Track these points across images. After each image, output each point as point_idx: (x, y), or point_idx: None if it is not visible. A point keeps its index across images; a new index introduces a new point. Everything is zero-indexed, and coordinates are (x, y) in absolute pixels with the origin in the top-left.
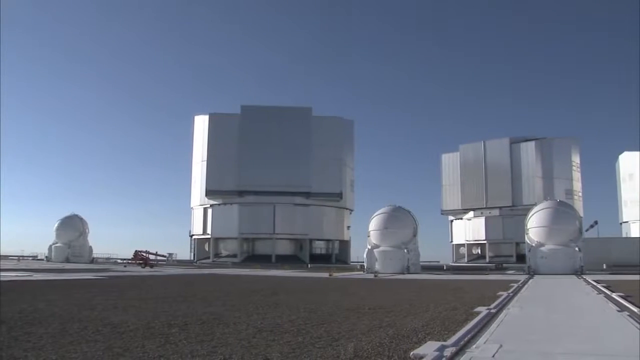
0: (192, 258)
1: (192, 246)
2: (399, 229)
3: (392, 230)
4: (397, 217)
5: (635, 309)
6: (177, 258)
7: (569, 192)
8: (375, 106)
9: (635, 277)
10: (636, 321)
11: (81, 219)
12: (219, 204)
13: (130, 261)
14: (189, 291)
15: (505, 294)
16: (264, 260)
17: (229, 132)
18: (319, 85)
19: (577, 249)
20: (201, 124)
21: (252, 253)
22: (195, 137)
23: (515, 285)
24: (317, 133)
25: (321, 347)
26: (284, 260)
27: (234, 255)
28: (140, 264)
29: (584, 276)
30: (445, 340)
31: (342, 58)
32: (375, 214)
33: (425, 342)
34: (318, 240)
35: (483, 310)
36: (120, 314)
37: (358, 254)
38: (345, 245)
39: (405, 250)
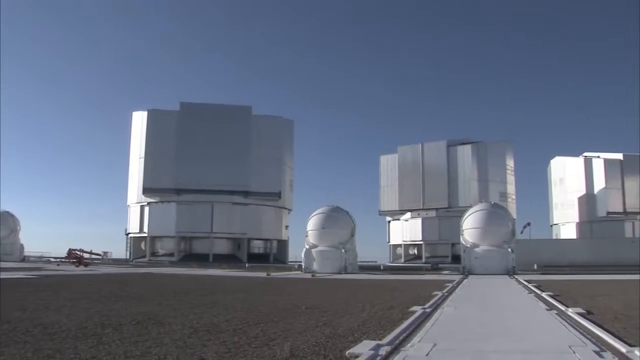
0: (128, 257)
1: (128, 244)
2: (336, 229)
3: (329, 230)
4: (335, 217)
5: (563, 308)
6: (113, 256)
7: (503, 195)
8: (316, 107)
9: (564, 277)
10: (564, 319)
11: (12, 215)
12: (156, 202)
13: (63, 260)
14: (124, 290)
15: (440, 293)
16: (201, 259)
17: (168, 129)
18: (259, 84)
19: (510, 250)
20: (139, 121)
21: (190, 252)
22: (132, 134)
23: (450, 285)
24: (256, 132)
25: (257, 347)
26: (221, 260)
27: (171, 254)
28: (74, 262)
29: (516, 276)
30: (380, 339)
31: (282, 58)
32: (314, 214)
33: (361, 341)
34: (256, 239)
35: (418, 310)
36: (52, 315)
37: (296, 253)
38: (283, 244)
39: (343, 250)
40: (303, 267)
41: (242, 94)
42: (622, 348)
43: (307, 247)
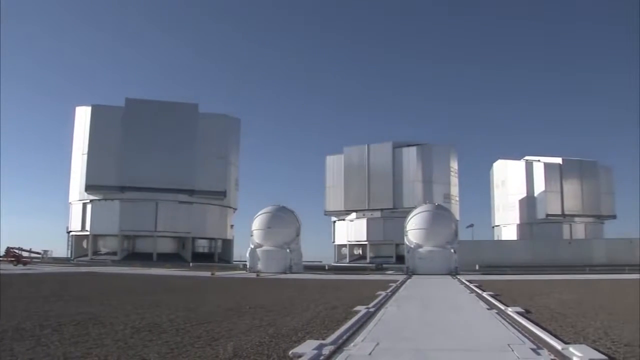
0: (69, 255)
1: (70, 243)
2: (282, 228)
3: (275, 229)
4: (281, 217)
5: (502, 307)
6: (53, 255)
7: (447, 197)
8: (263, 106)
9: (505, 277)
10: (503, 318)
11: None
12: (99, 200)
13: (1, 258)
14: (65, 290)
15: (383, 293)
16: (145, 258)
17: (112, 126)
18: (207, 83)
19: (452, 250)
20: (83, 116)
21: (133, 251)
22: (75, 129)
23: (394, 285)
24: (202, 130)
25: (200, 347)
26: (165, 259)
27: (114, 253)
28: (12, 261)
29: (459, 276)
30: (324, 339)
31: (230, 58)
32: (259, 213)
33: (305, 341)
34: (201, 238)
35: (362, 309)
36: None
37: (241, 253)
38: (228, 244)
39: (288, 250)
40: (248, 266)
41: (189, 92)
42: (557, 345)
43: (252, 246)
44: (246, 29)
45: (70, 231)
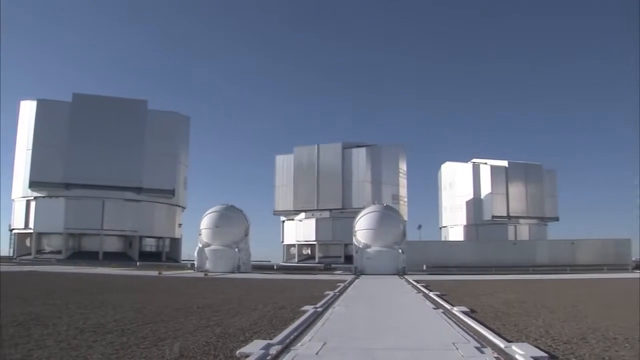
0: (11, 254)
1: (12, 241)
2: (230, 227)
3: (223, 229)
4: (229, 216)
5: (448, 307)
6: None
7: (396, 197)
8: (214, 105)
9: (451, 278)
10: (449, 318)
11: None
12: (43, 197)
13: None
14: (6, 290)
15: (332, 293)
16: (90, 257)
17: (58, 121)
18: (157, 81)
19: (400, 250)
20: (27, 110)
21: (78, 249)
22: (20, 124)
23: (342, 284)
24: (151, 127)
25: (146, 348)
26: (112, 258)
27: (59, 252)
28: None
29: (406, 276)
30: (271, 339)
31: (181, 58)
32: (207, 212)
33: (252, 341)
34: (148, 237)
35: (310, 309)
36: None
37: (189, 252)
38: (176, 243)
39: (237, 250)
40: (196, 266)
41: (138, 88)
42: (501, 344)
43: (200, 245)
44: (197, 22)
45: (13, 229)
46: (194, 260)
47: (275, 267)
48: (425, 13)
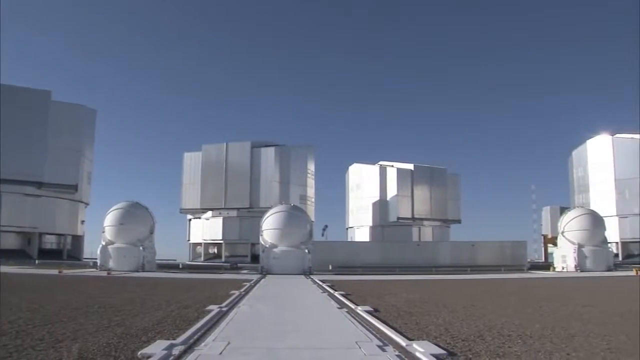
0: None
1: None
2: (135, 225)
3: (128, 226)
4: (134, 213)
5: (353, 306)
6: None
7: (303, 198)
8: (122, 101)
9: (356, 278)
10: (353, 317)
11: None
12: None
13: None
14: None
15: (237, 292)
16: None
17: None
18: (63, 74)
19: (307, 250)
20: None
21: None
22: None
23: (248, 284)
24: (55, 120)
25: (42, 350)
26: (9, 256)
27: None
28: None
29: (312, 276)
30: (175, 339)
31: (89, 52)
32: (112, 209)
33: (155, 341)
34: (49, 234)
35: (215, 309)
36: None
37: (92, 250)
38: (78, 240)
39: (141, 248)
40: (98, 264)
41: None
42: (402, 342)
43: (104, 243)
44: (105, 17)
45: None
46: (96, 259)
47: (180, 266)
48: (332, 14)
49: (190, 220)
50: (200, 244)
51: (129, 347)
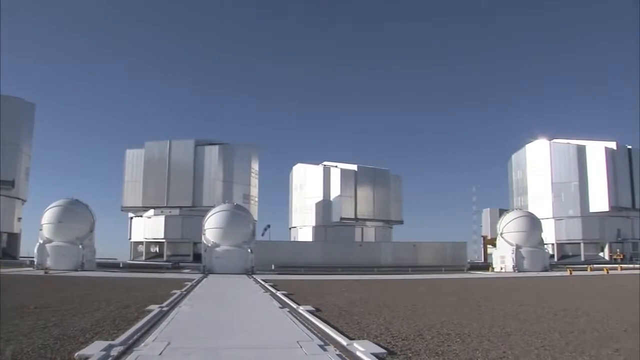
0: None
1: None
2: (74, 223)
3: (66, 224)
4: (73, 211)
5: (295, 306)
6: None
7: (247, 197)
8: (65, 95)
9: (299, 277)
10: (295, 317)
11: None
12: None
13: None
14: None
15: (178, 292)
16: None
17: None
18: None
19: (249, 250)
20: None
21: None
22: None
23: (190, 283)
24: None
25: None
26: None
27: None
28: None
29: (255, 276)
30: (113, 340)
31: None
32: (50, 206)
33: (93, 342)
34: None
35: (155, 309)
36: None
37: (29, 248)
38: (15, 238)
39: (81, 246)
40: (36, 263)
41: None
42: (343, 341)
43: (41, 241)
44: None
45: None
46: (34, 258)
47: (121, 265)
48: (270, 15)
49: (131, 218)
50: (141, 242)
51: (66, 348)
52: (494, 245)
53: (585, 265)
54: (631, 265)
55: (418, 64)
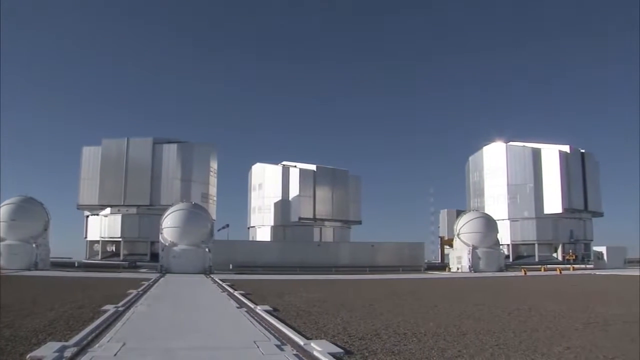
0: None
1: None
2: (27, 221)
3: (19, 222)
4: (27, 209)
5: (252, 306)
6: None
7: (205, 196)
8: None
9: (257, 277)
10: (252, 317)
11: None
12: None
13: None
14: None
15: (135, 292)
16: None
17: None
18: None
19: (207, 249)
20: None
21: None
22: None
23: (147, 283)
24: None
25: None
26: None
27: None
28: None
29: (212, 275)
30: (67, 340)
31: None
32: (2, 204)
33: (46, 343)
34: None
35: (111, 309)
36: None
37: None
38: None
39: (34, 245)
40: None
41: None
42: (300, 341)
43: None
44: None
45: None
46: None
47: (76, 265)
48: (236, 13)
49: (87, 216)
50: (97, 241)
51: (17, 350)
52: (451, 245)
53: (539, 266)
54: (583, 266)
55: (377, 63)
